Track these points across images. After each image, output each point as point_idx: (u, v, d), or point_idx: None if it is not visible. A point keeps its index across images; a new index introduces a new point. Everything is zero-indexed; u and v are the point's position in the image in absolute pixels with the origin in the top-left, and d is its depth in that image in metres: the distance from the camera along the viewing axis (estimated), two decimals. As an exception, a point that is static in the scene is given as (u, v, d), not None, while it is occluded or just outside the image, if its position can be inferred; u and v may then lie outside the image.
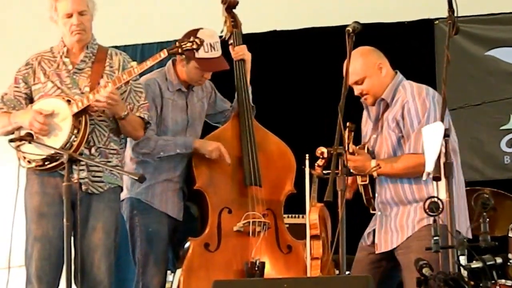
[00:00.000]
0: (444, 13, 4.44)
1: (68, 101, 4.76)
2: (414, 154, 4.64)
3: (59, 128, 4.72)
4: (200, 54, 5.13)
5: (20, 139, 4.69)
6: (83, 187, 4.76)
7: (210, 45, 5.22)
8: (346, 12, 6.44)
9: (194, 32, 5.13)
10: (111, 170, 4.84)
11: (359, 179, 4.77)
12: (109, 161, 4.87)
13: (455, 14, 4.38)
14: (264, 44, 6.95)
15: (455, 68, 6.35)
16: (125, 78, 4.77)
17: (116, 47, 5.48)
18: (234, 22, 5.54)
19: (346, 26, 4.53)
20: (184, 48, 4.86)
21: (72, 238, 4.51)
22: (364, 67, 4.79)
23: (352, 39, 4.49)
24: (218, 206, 5.25)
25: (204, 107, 5.49)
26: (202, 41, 4.91)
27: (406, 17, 6.91)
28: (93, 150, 4.83)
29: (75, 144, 4.70)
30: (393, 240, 4.75)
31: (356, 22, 4.55)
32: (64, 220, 4.29)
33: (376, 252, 4.78)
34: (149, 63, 4.77)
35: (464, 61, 6.93)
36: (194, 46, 4.86)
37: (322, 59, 6.87)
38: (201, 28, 5.21)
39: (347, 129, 4.59)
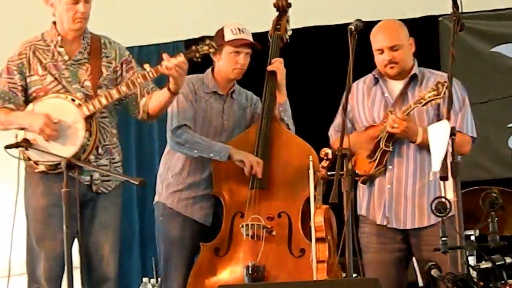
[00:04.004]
0: (449, 10, 4.40)
1: (76, 101, 4.68)
2: (460, 132, 4.64)
3: (71, 132, 4.64)
4: (229, 37, 5.24)
5: (17, 145, 4.57)
6: (94, 188, 4.74)
7: (238, 29, 5.30)
8: (349, 10, 6.39)
9: (220, 30, 5.27)
10: (115, 167, 4.83)
11: (382, 143, 4.74)
12: (113, 158, 4.84)
13: (460, 10, 4.35)
14: (265, 43, 6.86)
15: (460, 65, 6.27)
16: (139, 82, 4.72)
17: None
18: (278, 26, 5.54)
19: (348, 24, 4.50)
20: (202, 52, 4.81)
21: (79, 235, 4.53)
22: (404, 37, 4.86)
23: (354, 37, 4.46)
24: (232, 211, 5.24)
25: (246, 116, 5.48)
26: (217, 44, 4.92)
27: (410, 14, 6.85)
28: (100, 150, 4.78)
29: (89, 148, 4.68)
30: (407, 219, 4.75)
31: (358, 20, 4.51)
32: (64, 226, 4.23)
33: (388, 226, 4.77)
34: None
35: (470, 58, 6.86)
36: (211, 50, 4.85)
37: (325, 58, 6.81)
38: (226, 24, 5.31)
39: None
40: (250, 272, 5.02)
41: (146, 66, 4.74)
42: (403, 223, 4.77)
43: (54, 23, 4.84)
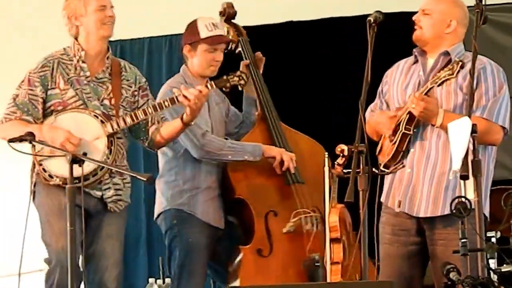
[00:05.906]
0: (472, 1, 4.30)
1: (99, 118, 4.67)
2: (486, 120, 4.47)
3: (92, 148, 4.61)
4: (204, 34, 5.17)
5: (20, 139, 4.44)
6: (109, 206, 4.74)
7: (213, 24, 5.22)
8: (367, 1, 6.29)
9: (193, 24, 5.21)
10: (127, 187, 4.84)
11: (402, 126, 4.55)
12: (125, 178, 4.83)
13: (483, 2, 4.24)
14: (280, 35, 6.79)
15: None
16: (166, 105, 4.75)
17: (122, 41, 5.40)
18: (237, 31, 5.53)
19: (367, 16, 4.40)
20: (232, 83, 4.91)
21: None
22: (438, 9, 4.61)
23: (373, 29, 4.36)
24: (263, 211, 5.19)
25: (222, 112, 5.42)
26: (248, 76, 5.00)
27: (431, 6, 6.73)
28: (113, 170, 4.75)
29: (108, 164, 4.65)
30: (420, 207, 4.55)
31: (378, 11, 4.41)
32: (68, 224, 4.15)
33: (397, 210, 4.59)
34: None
35: (492, 52, 6.66)
36: (242, 82, 4.94)
37: (342, 52, 6.72)
38: (199, 18, 5.23)
39: None
40: (310, 264, 5.00)
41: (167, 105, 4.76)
42: (416, 210, 4.58)
43: (76, 39, 4.85)
